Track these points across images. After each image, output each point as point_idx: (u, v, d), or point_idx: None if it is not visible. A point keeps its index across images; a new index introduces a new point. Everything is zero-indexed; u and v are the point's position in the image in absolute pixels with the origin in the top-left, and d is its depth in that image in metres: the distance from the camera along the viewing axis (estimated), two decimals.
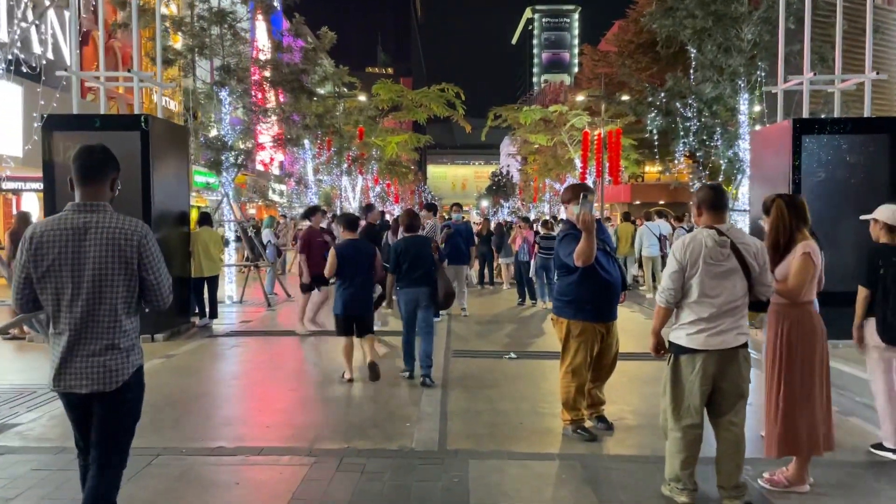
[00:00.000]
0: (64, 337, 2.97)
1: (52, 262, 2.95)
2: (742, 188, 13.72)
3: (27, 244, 2.99)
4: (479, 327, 11.04)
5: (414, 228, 7.38)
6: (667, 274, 4.15)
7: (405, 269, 7.04)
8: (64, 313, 2.97)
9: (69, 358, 2.97)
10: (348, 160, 25.99)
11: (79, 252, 2.95)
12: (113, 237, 2.98)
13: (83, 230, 2.98)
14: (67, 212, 3.02)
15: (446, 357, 8.55)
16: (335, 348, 8.97)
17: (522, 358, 8.54)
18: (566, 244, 5.17)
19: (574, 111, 29.40)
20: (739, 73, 12.58)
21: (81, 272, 2.95)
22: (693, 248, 4.06)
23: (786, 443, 4.33)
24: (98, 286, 2.96)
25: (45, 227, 2.99)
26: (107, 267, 2.97)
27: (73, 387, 2.98)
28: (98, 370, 2.97)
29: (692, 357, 4.06)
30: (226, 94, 13.60)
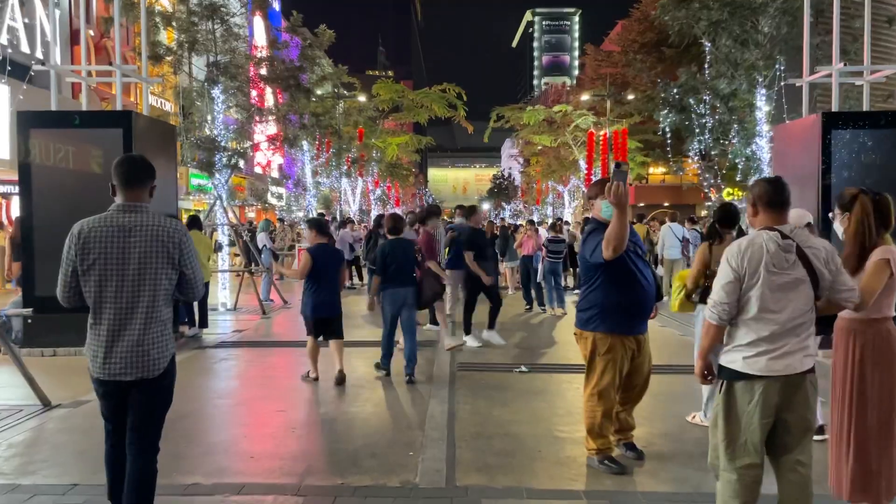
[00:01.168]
0: (105, 327, 3.21)
1: (98, 256, 3.21)
2: None
3: (75, 239, 3.24)
4: None
5: (398, 231, 7.68)
6: (719, 285, 3.49)
7: (392, 270, 7.32)
8: (108, 305, 3.22)
9: (113, 347, 3.21)
10: (347, 162, 25.35)
11: (124, 248, 3.21)
12: (157, 235, 3.26)
13: (128, 228, 3.25)
14: (112, 211, 3.30)
15: (452, 370, 7.89)
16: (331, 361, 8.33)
17: (535, 371, 7.87)
18: (592, 242, 4.51)
19: (579, 111, 28.75)
20: (759, 66, 11.94)
21: (126, 266, 3.21)
22: (752, 254, 3.40)
23: (859, 486, 3.67)
24: (142, 279, 3.22)
25: (92, 224, 3.25)
26: (151, 262, 3.24)
27: (119, 375, 3.22)
28: (142, 358, 3.23)
29: (750, 384, 3.40)
30: (218, 91, 12.98)
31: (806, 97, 10.08)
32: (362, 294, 16.33)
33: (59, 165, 9.01)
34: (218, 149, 12.84)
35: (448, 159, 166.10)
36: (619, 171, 4.13)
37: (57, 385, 7.24)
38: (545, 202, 46.82)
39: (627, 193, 4.13)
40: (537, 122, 29.84)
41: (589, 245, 4.53)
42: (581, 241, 4.80)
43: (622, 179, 4.10)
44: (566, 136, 29.39)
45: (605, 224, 4.45)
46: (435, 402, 6.40)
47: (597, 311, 4.61)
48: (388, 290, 7.41)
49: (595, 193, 4.69)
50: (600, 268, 4.54)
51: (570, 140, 29.40)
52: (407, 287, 7.39)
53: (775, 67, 12.36)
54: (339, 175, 25.22)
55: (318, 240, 7.32)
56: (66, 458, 5.01)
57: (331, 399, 6.70)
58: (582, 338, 4.76)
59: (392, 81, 27.53)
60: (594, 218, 4.72)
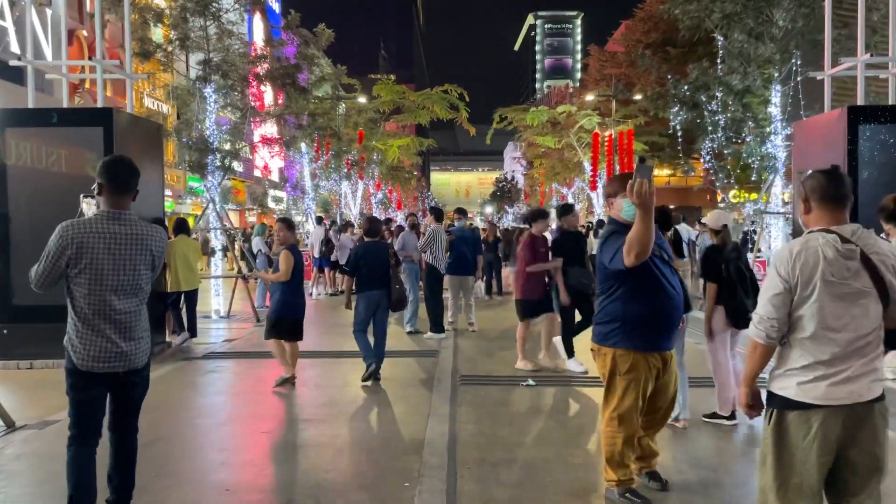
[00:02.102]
0: (101, 325, 3.43)
1: (90, 262, 3.40)
2: (774, 189, 12.53)
3: (65, 241, 3.39)
4: (489, 345, 9.83)
5: (374, 233, 7.75)
6: (766, 297, 2.94)
7: (365, 272, 7.38)
8: (99, 306, 3.43)
9: (104, 343, 3.44)
10: (347, 164, 24.79)
11: (113, 253, 3.43)
12: (143, 243, 3.54)
13: (117, 237, 3.47)
14: (100, 218, 3.48)
15: (453, 383, 7.34)
16: (325, 373, 7.79)
17: (542, 384, 7.31)
18: (611, 246, 3.94)
19: (583, 111, 28.14)
20: (775, 60, 11.37)
21: (115, 272, 3.44)
22: (805, 261, 2.85)
23: None
24: (129, 283, 3.49)
25: (82, 230, 3.41)
26: (137, 267, 3.52)
27: (113, 366, 3.47)
28: (131, 351, 3.51)
29: (806, 415, 2.85)
30: (211, 90, 12.46)
31: (828, 91, 9.53)
32: None
33: (37, 166, 8.50)
34: (210, 150, 12.32)
35: (450, 163, 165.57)
36: (643, 167, 3.58)
37: (27, 402, 6.72)
38: (549, 205, 46.23)
39: (653, 192, 3.59)
40: (541, 124, 29.24)
41: (608, 250, 3.98)
42: (598, 245, 4.23)
43: (647, 176, 3.56)
44: (570, 137, 28.79)
45: (626, 225, 3.91)
46: (434, 422, 5.84)
47: (617, 325, 4.05)
48: (362, 293, 7.46)
49: (615, 191, 4.13)
50: (621, 275, 3.97)
51: (574, 141, 28.78)
52: (380, 289, 7.45)
53: (791, 62, 11.80)
54: (339, 178, 24.67)
55: (290, 239, 7.24)
56: (20, 489, 4.47)
57: (322, 417, 6.15)
58: (600, 354, 4.19)
59: (393, 83, 26.96)
60: (613, 219, 4.16)
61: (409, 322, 10.82)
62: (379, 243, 7.74)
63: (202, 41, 12.47)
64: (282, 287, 7.06)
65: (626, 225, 3.93)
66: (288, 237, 7.22)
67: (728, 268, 5.57)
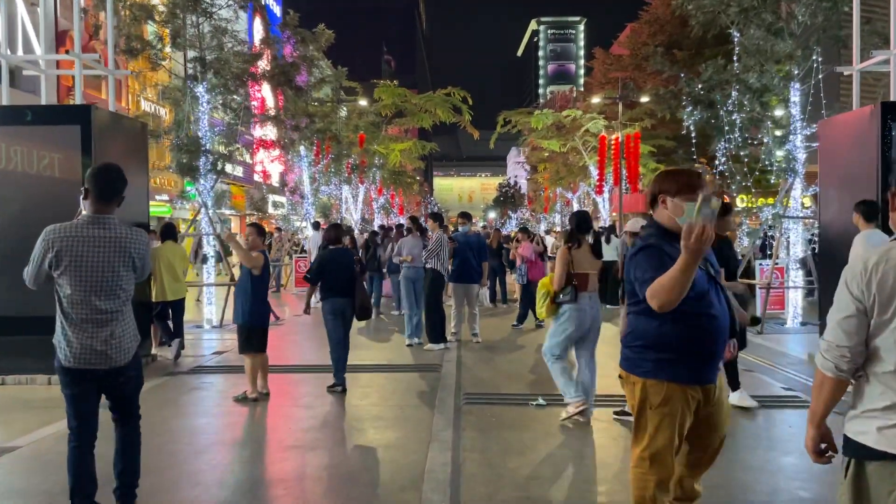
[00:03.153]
0: (82, 324, 3.63)
1: (70, 263, 3.59)
2: (794, 191, 11.90)
3: (48, 244, 3.60)
4: (495, 358, 9.21)
5: (337, 241, 7.58)
6: (835, 320, 2.35)
7: (329, 280, 7.23)
8: (80, 306, 3.62)
9: (85, 341, 3.63)
10: (348, 168, 24.20)
11: (93, 256, 3.63)
12: (122, 246, 3.72)
13: (97, 240, 3.66)
14: (83, 223, 3.69)
15: (457, 404, 6.73)
16: (318, 390, 7.17)
17: (553, 404, 6.68)
18: (645, 261, 3.26)
19: (589, 114, 27.55)
20: (796, 56, 10.77)
21: (97, 272, 3.63)
22: (883, 276, 2.26)
23: None
24: (111, 282, 3.68)
25: (64, 234, 3.62)
26: (117, 269, 3.70)
27: (95, 364, 3.66)
28: (111, 350, 3.68)
29: (890, 468, 2.25)
30: (203, 90, 11.90)
31: (857, 87, 8.94)
32: None
33: (10, 168, 7.93)
34: (202, 151, 11.75)
35: (453, 168, 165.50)
36: (707, 207, 2.87)
37: None
38: (553, 210, 45.62)
39: (712, 238, 2.92)
40: (545, 127, 28.67)
41: (640, 266, 3.28)
42: (629, 252, 3.56)
43: (710, 218, 2.88)
44: (576, 140, 28.20)
45: (671, 233, 3.25)
46: (436, 450, 5.23)
47: (649, 352, 3.39)
48: (328, 301, 7.29)
49: (675, 189, 3.29)
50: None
51: (579, 145, 28.20)
52: (344, 297, 7.27)
53: (812, 59, 11.20)
54: (340, 182, 24.09)
55: (260, 244, 6.94)
56: None
57: (311, 443, 5.54)
58: (629, 382, 3.53)
59: (395, 85, 26.39)
60: (657, 222, 3.44)
61: (412, 335, 10.14)
62: (343, 250, 7.66)
63: (194, 39, 11.92)
64: (248, 294, 6.72)
65: (670, 233, 3.27)
66: (258, 242, 6.95)
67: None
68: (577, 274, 5.95)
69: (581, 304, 5.96)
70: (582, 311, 5.99)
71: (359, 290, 7.40)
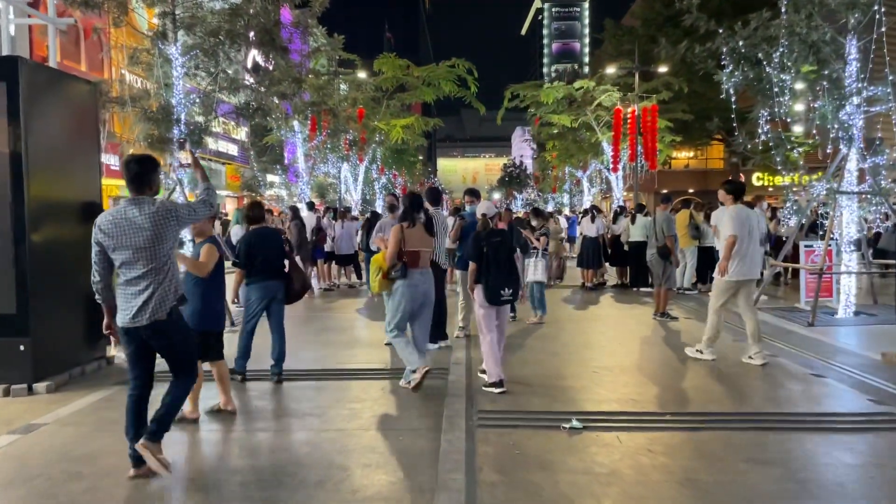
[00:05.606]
0: (131, 287, 4.17)
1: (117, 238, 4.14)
2: (849, 163, 10.38)
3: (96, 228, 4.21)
4: (511, 359, 7.76)
5: (260, 220, 6.99)
6: None
7: (260, 261, 6.69)
8: (130, 271, 4.18)
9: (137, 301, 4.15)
10: (346, 144, 22.64)
11: (134, 230, 4.13)
12: (154, 219, 4.15)
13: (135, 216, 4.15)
14: (125, 203, 4.22)
15: (469, 425, 5.31)
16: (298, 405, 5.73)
17: (592, 426, 5.28)
18: None
19: (602, 87, 25.88)
20: (858, 3, 9.22)
21: (137, 242, 4.13)
22: None
23: None
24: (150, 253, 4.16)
25: (108, 217, 4.20)
26: (151, 237, 4.15)
27: (138, 321, 4.16)
28: (155, 306, 4.17)
29: None
30: (177, 51, 10.40)
31: None
32: (361, 295, 13.81)
33: None
34: (174, 121, 10.29)
35: (457, 149, 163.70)
36: None
37: None
38: (562, 190, 44.03)
39: None
40: (556, 101, 27.00)
41: None
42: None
43: None
44: (588, 115, 26.56)
45: None
46: (444, 502, 3.83)
47: None
48: (255, 284, 6.71)
49: None
50: None
51: (592, 120, 26.56)
52: (276, 280, 6.74)
53: (873, 8, 9.65)
54: (338, 160, 22.56)
55: (209, 230, 5.76)
56: None
57: (270, 497, 4.13)
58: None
59: (395, 57, 24.70)
60: None
61: None
62: (270, 229, 7.11)
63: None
64: (201, 290, 5.51)
65: None
66: (206, 228, 5.65)
67: (488, 251, 6.29)
68: (409, 251, 6.27)
69: (413, 279, 6.27)
70: (413, 287, 6.28)
71: (296, 273, 6.89)
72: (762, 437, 5.13)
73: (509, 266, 6.42)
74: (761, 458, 4.64)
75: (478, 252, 6.35)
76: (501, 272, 6.32)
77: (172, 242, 4.29)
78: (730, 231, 7.35)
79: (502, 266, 6.34)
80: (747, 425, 5.37)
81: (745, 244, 7.39)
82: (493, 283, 6.26)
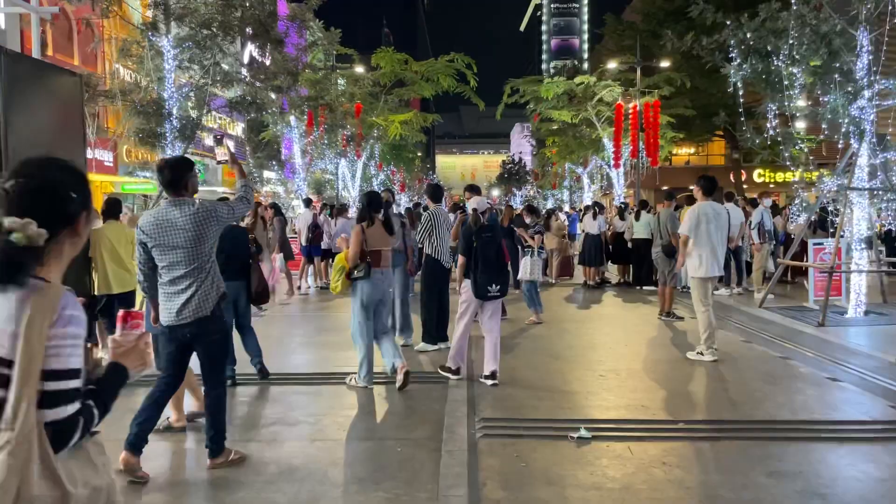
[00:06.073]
0: (173, 286, 4.24)
1: (159, 239, 4.22)
2: (861, 158, 10.09)
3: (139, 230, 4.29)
4: (515, 362, 7.49)
5: None
6: None
7: (222, 260, 6.04)
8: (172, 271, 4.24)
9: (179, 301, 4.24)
10: (343, 140, 22.31)
11: (175, 231, 4.19)
12: (195, 220, 4.21)
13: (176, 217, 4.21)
14: (165, 205, 4.30)
15: (470, 435, 5.02)
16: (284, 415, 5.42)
17: (601, 436, 5.00)
18: None
19: (603, 82, 25.55)
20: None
21: (178, 242, 4.20)
22: None
23: None
24: (192, 253, 4.23)
25: (149, 218, 4.30)
26: (192, 238, 4.22)
27: (183, 319, 4.25)
28: (197, 304, 4.25)
29: None
30: (169, 44, 10.11)
31: None
32: None
33: None
34: (165, 115, 9.98)
35: (456, 146, 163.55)
36: None
37: None
38: (562, 186, 43.72)
39: None
40: (556, 96, 26.69)
41: None
42: None
43: None
44: (588, 111, 26.24)
45: None
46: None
47: None
48: None
49: None
50: None
51: (592, 115, 26.24)
52: (238, 280, 6.54)
53: None
54: (335, 155, 22.24)
55: None
56: None
57: (269, 496, 3.85)
58: None
59: (394, 51, 24.37)
60: None
61: (399, 334, 8.35)
62: (236, 227, 6.76)
63: None
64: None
65: None
66: None
67: (477, 246, 6.33)
68: (371, 251, 6.26)
69: (374, 278, 6.27)
70: (374, 286, 6.28)
71: (255, 273, 6.71)
72: (781, 447, 4.85)
73: (498, 262, 6.43)
74: (782, 471, 4.36)
75: (468, 246, 6.37)
76: (490, 268, 6.32)
77: (213, 242, 4.35)
78: (683, 231, 7.68)
79: (491, 261, 6.34)
80: (765, 434, 5.09)
81: (704, 240, 7.55)
82: (481, 278, 6.27)
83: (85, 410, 1.71)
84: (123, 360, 1.92)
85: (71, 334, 1.67)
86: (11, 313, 1.64)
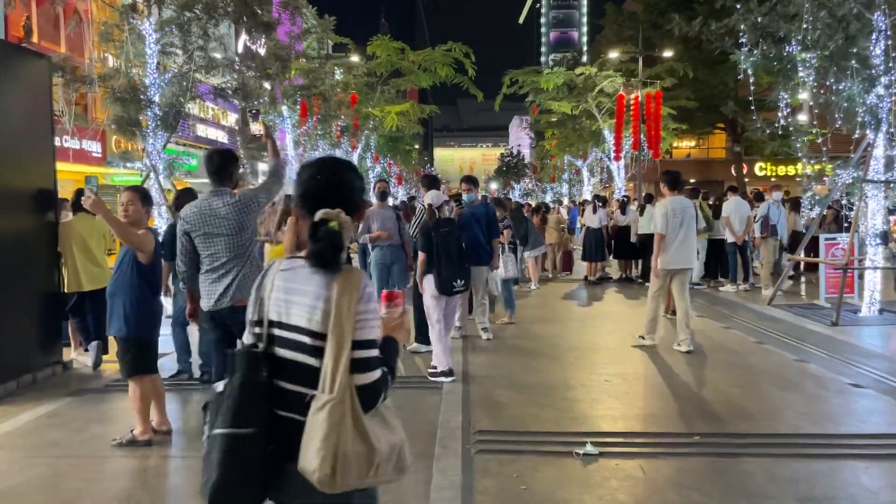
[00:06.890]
0: (215, 273, 4.28)
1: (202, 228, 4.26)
2: (877, 149, 9.61)
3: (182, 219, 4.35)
4: (513, 365, 7.02)
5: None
6: None
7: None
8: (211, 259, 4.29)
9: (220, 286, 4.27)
10: (337, 131, 21.78)
11: (217, 220, 4.24)
12: (236, 209, 4.27)
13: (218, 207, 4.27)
14: (207, 195, 4.35)
15: (466, 452, 4.55)
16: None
17: (609, 451, 4.52)
18: None
19: (604, 72, 25.00)
20: None
21: (221, 231, 4.25)
22: None
23: None
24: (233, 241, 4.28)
25: (193, 208, 4.32)
26: (234, 227, 4.27)
27: (223, 304, 4.26)
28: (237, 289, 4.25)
29: None
30: (150, 26, 9.60)
31: None
32: None
33: None
34: (145, 103, 9.47)
35: (454, 139, 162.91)
36: None
37: None
38: (561, 179, 43.19)
39: None
40: (556, 87, 26.14)
41: None
42: None
43: None
44: (589, 102, 25.70)
45: None
46: None
47: None
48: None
49: None
50: None
51: (593, 107, 25.70)
52: None
53: None
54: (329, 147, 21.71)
55: (143, 218, 4.84)
56: None
57: None
58: None
59: (390, 39, 23.82)
60: None
61: None
62: None
63: None
64: (133, 292, 4.64)
65: None
66: (140, 214, 4.77)
67: (438, 241, 6.32)
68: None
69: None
70: None
71: None
72: (809, 465, 4.38)
73: (460, 257, 6.45)
74: (814, 497, 3.89)
75: (427, 243, 6.38)
76: (452, 263, 6.35)
77: (253, 229, 4.40)
78: (658, 229, 7.65)
79: (453, 256, 6.37)
80: (789, 451, 4.61)
81: (672, 236, 7.54)
82: (445, 273, 6.29)
83: (385, 376, 1.98)
84: (395, 333, 2.17)
85: (372, 309, 1.94)
86: (320, 292, 1.91)
